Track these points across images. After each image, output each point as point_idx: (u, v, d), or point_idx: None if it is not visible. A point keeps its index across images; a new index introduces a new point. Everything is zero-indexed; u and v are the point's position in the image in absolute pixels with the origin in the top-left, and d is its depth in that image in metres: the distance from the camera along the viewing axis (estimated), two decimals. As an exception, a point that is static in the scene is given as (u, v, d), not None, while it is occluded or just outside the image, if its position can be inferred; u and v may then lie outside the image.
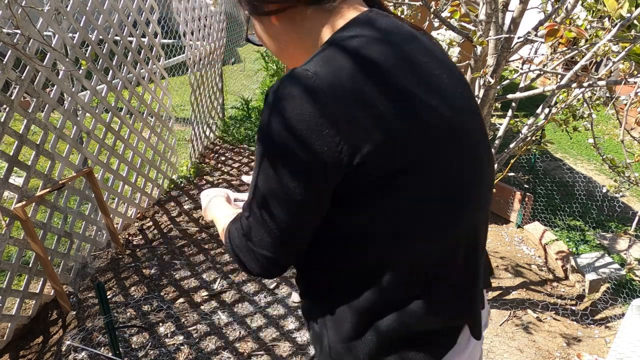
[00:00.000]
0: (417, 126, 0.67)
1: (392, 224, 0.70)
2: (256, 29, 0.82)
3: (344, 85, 0.64)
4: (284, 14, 0.75)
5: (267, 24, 0.78)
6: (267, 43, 0.83)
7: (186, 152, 4.54)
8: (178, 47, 5.39)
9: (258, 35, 0.83)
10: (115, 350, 1.94)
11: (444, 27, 1.68)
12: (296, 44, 0.79)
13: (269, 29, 0.79)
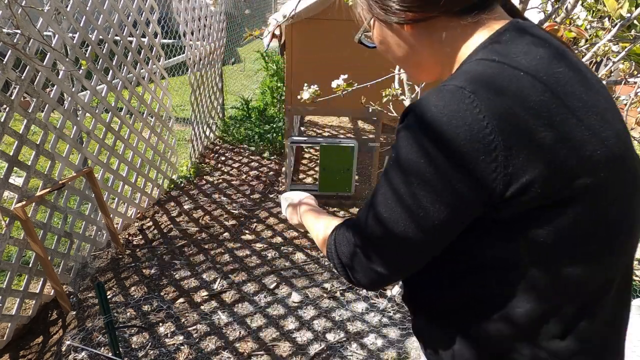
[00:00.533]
0: (582, 155, 0.60)
1: (537, 254, 0.63)
2: (378, 33, 0.78)
3: (505, 108, 0.58)
4: (421, 23, 0.70)
5: (397, 31, 0.74)
6: (391, 49, 0.77)
7: (186, 152, 4.54)
8: (178, 47, 5.39)
9: (379, 40, 0.79)
10: (115, 350, 1.94)
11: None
12: (427, 55, 0.74)
13: (397, 36, 0.74)
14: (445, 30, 0.70)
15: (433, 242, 0.67)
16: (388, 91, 2.19)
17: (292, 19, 3.02)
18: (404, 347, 2.27)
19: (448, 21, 0.69)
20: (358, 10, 0.81)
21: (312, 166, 4.42)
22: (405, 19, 0.70)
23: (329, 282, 2.76)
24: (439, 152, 0.59)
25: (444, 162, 0.59)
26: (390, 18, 0.71)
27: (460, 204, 0.62)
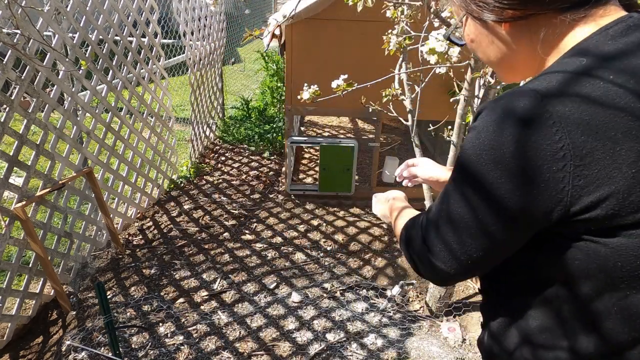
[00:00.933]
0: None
1: (606, 269, 0.60)
2: (471, 31, 0.74)
3: (581, 116, 0.55)
4: (521, 21, 0.66)
5: (493, 29, 0.70)
6: (484, 49, 0.74)
7: (186, 152, 4.54)
8: (178, 47, 5.39)
9: (470, 38, 0.75)
10: (115, 350, 1.94)
11: (444, 27, 1.68)
12: (524, 55, 0.70)
13: (492, 35, 0.71)
14: (547, 28, 0.65)
15: (490, 253, 0.65)
16: (388, 91, 2.19)
17: (292, 19, 3.02)
18: (404, 347, 2.27)
19: (551, 18, 0.64)
20: (448, 6, 0.75)
21: (312, 166, 4.42)
22: (504, 17, 0.66)
23: (329, 282, 2.76)
24: (508, 157, 0.58)
25: (510, 170, 0.58)
26: (487, 15, 0.67)
27: (520, 217, 0.60)
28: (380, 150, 3.98)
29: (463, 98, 1.92)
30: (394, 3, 2.01)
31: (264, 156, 4.69)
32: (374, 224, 3.45)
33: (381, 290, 2.72)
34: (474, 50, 0.77)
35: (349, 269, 2.91)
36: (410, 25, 2.10)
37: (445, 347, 2.29)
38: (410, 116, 2.25)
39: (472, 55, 1.80)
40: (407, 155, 4.62)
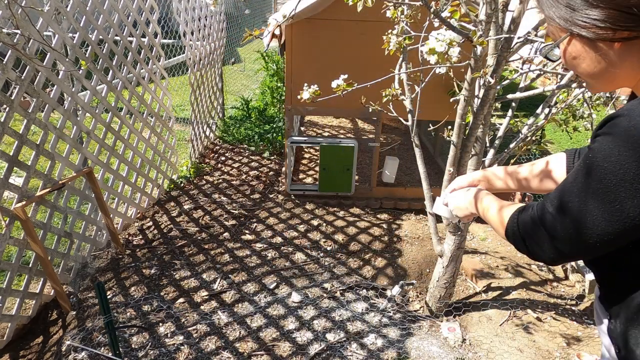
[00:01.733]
0: None
1: None
2: (574, 49, 0.78)
3: None
4: (632, 40, 0.71)
5: (601, 48, 0.74)
6: (584, 65, 0.79)
7: (186, 152, 4.54)
8: (178, 47, 5.39)
9: (572, 56, 0.80)
10: (115, 350, 1.94)
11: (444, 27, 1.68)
12: (628, 70, 0.75)
13: (598, 53, 0.75)
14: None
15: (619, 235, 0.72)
16: (388, 91, 2.19)
17: (292, 19, 3.02)
18: (404, 347, 2.27)
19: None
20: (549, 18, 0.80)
21: (312, 166, 4.42)
22: (616, 37, 0.71)
23: (329, 282, 2.76)
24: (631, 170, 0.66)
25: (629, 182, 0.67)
26: (600, 35, 0.72)
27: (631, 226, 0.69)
28: (380, 150, 3.98)
29: (463, 98, 1.92)
30: (394, 3, 2.00)
31: (264, 156, 4.69)
32: (374, 224, 3.45)
33: (381, 290, 2.72)
34: (571, 67, 0.82)
35: (349, 269, 2.91)
36: (410, 25, 2.10)
37: (445, 347, 2.29)
38: (410, 116, 2.25)
39: (472, 56, 1.80)
40: (407, 155, 4.63)
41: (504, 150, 2.24)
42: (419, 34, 2.06)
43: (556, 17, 0.77)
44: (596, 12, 0.71)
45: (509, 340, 2.36)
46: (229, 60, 8.63)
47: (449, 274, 2.39)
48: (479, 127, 1.97)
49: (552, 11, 0.77)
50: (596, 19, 0.71)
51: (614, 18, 0.69)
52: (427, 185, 2.29)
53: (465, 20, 1.78)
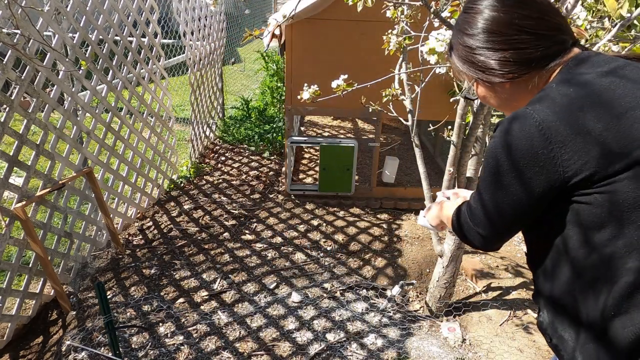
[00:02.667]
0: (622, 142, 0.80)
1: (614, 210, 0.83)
2: (482, 91, 1.03)
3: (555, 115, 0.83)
4: (518, 79, 0.94)
5: (498, 87, 0.98)
6: (492, 100, 1.04)
7: (186, 152, 4.54)
8: (178, 47, 5.39)
9: (482, 96, 1.04)
10: (115, 350, 1.94)
11: (444, 27, 1.68)
12: (523, 98, 0.97)
13: (497, 91, 1.00)
14: (537, 77, 0.94)
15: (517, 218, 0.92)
16: (388, 91, 2.19)
17: (292, 19, 3.02)
18: (404, 347, 2.27)
19: (539, 71, 0.93)
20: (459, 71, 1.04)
21: (312, 166, 4.42)
22: (505, 79, 0.94)
23: (329, 282, 2.76)
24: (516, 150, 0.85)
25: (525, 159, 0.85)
26: (494, 79, 0.96)
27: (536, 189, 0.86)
28: (380, 150, 3.98)
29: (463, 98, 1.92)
30: (394, 3, 2.01)
31: (264, 156, 4.69)
32: (374, 224, 3.45)
33: (381, 290, 2.72)
34: (487, 102, 1.07)
35: (349, 269, 2.91)
36: (410, 25, 2.10)
37: (445, 347, 2.29)
38: (410, 116, 2.25)
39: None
40: (407, 155, 4.63)
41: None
42: (419, 34, 2.06)
43: (465, 71, 1.01)
44: (492, 63, 0.94)
45: (509, 340, 2.36)
46: (229, 60, 8.63)
47: (449, 274, 2.39)
48: (479, 127, 1.97)
49: (461, 67, 1.01)
50: (492, 69, 0.95)
51: (502, 68, 0.93)
52: (427, 185, 2.29)
53: (465, 20, 1.77)
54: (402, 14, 2.05)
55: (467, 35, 0.96)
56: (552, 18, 0.92)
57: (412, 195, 3.70)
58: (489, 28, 0.93)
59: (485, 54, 0.94)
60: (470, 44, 0.96)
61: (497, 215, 0.94)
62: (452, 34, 1.04)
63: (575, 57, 0.91)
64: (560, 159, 0.82)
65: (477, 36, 0.95)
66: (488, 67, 0.94)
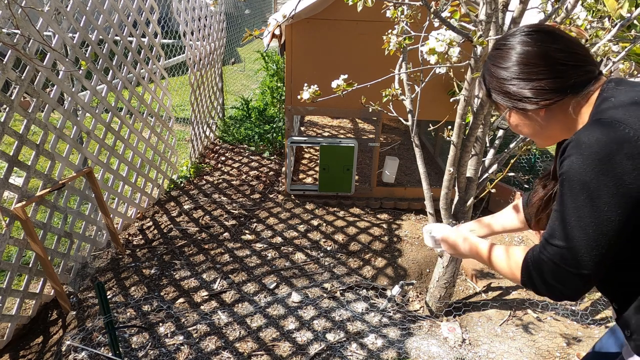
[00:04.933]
0: None
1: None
2: (515, 119, 1.05)
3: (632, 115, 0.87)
4: (552, 106, 0.97)
5: (532, 115, 1.01)
6: (525, 129, 1.06)
7: (186, 152, 4.54)
8: (178, 47, 5.39)
9: (515, 124, 1.07)
10: (115, 350, 1.94)
11: (444, 27, 1.68)
12: (559, 127, 1.02)
13: (532, 119, 1.02)
14: (573, 104, 0.98)
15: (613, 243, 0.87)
16: (388, 91, 2.19)
17: (292, 19, 3.02)
18: (404, 347, 2.27)
19: (573, 97, 0.97)
20: (494, 99, 1.06)
21: (312, 166, 4.42)
22: (540, 106, 0.98)
23: (329, 282, 2.76)
24: (610, 158, 0.85)
25: (607, 181, 0.85)
26: (527, 107, 0.99)
27: (623, 208, 0.85)
28: (380, 150, 3.98)
29: (463, 98, 1.92)
30: (394, 3, 2.01)
31: (264, 156, 4.69)
32: (374, 224, 3.45)
33: (381, 290, 2.72)
34: (519, 131, 1.08)
35: (349, 269, 2.91)
36: (410, 25, 2.10)
37: (445, 347, 2.29)
38: (410, 116, 2.25)
39: (472, 56, 1.80)
40: (407, 155, 4.63)
41: (504, 150, 2.24)
42: (419, 34, 2.06)
43: (498, 99, 1.04)
44: (526, 92, 0.98)
45: (509, 340, 2.36)
46: (229, 60, 8.63)
47: (449, 274, 2.39)
48: (479, 127, 1.97)
49: (495, 96, 1.05)
50: (526, 97, 0.98)
51: (537, 95, 0.97)
52: (427, 185, 2.29)
53: (465, 20, 1.78)
54: (402, 14, 2.05)
55: (501, 68, 1.01)
56: (579, 51, 0.98)
57: (412, 195, 3.70)
58: (522, 61, 0.98)
59: (519, 84, 0.98)
60: (505, 76, 1.01)
61: (601, 244, 0.87)
62: (483, 67, 1.08)
63: (610, 80, 0.97)
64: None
65: (510, 69, 1.00)
66: (523, 95, 0.98)
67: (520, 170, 4.22)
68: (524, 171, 4.18)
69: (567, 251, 0.90)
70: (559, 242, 0.91)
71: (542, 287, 0.96)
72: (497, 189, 3.07)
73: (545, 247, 0.95)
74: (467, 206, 2.20)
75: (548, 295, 0.96)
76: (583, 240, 0.88)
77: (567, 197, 0.90)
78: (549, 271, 0.93)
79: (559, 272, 0.92)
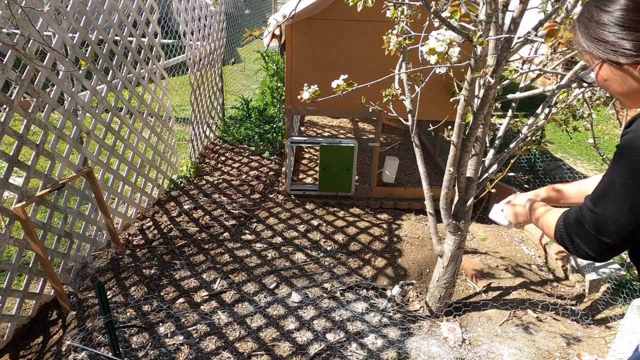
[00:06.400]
0: None
1: None
2: (605, 73, 0.96)
3: None
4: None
5: (626, 70, 0.92)
6: (615, 86, 0.97)
7: (186, 152, 4.54)
8: (178, 47, 5.39)
9: (604, 78, 0.97)
10: (115, 350, 1.94)
11: (444, 27, 1.68)
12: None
13: (625, 75, 0.93)
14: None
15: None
16: (388, 91, 2.19)
17: (292, 19, 3.02)
18: (403, 347, 2.27)
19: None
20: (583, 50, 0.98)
21: (312, 166, 4.42)
22: (637, 61, 0.89)
23: (329, 282, 2.76)
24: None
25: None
26: (622, 61, 0.90)
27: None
28: (380, 150, 3.98)
29: (463, 98, 1.92)
30: (394, 3, 2.00)
31: (264, 156, 4.69)
32: (374, 224, 3.45)
33: (381, 290, 2.72)
34: (606, 87, 0.99)
35: (349, 269, 2.91)
36: (410, 25, 2.10)
37: (445, 347, 2.29)
38: (410, 116, 2.25)
39: (472, 56, 1.80)
40: (407, 155, 4.63)
41: (504, 150, 2.24)
42: (419, 34, 2.06)
43: (592, 48, 0.94)
44: (625, 43, 0.89)
45: (509, 340, 2.36)
46: (229, 60, 8.63)
47: (449, 274, 2.39)
48: (479, 127, 1.97)
49: (588, 43, 0.95)
50: (625, 49, 0.89)
51: (635, 49, 0.88)
52: (427, 185, 2.29)
53: (465, 20, 1.78)
54: (402, 14, 2.05)
55: (604, 11, 0.91)
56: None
57: (412, 195, 3.70)
58: (631, 6, 0.89)
59: (620, 33, 0.89)
60: (606, 21, 0.91)
61: (631, 220, 0.90)
62: (583, 8, 0.98)
63: None
64: None
65: (614, 13, 0.90)
66: (622, 46, 0.89)
67: (520, 170, 4.22)
68: (524, 171, 4.18)
69: (597, 216, 0.95)
70: (594, 207, 0.96)
71: (569, 241, 1.02)
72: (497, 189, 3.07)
73: (582, 207, 1.00)
74: (467, 206, 2.20)
75: (573, 251, 1.02)
76: (614, 213, 0.91)
77: (615, 169, 0.91)
78: (576, 228, 1.00)
79: (584, 232, 0.98)
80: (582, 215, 0.99)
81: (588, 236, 0.97)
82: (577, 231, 1.00)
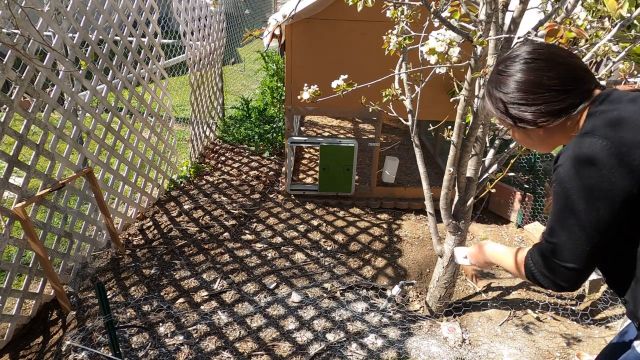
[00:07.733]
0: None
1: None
2: (517, 135, 1.19)
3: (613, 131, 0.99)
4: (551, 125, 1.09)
5: (533, 132, 1.13)
6: (525, 141, 1.19)
7: (186, 152, 4.54)
8: (178, 47, 5.39)
9: (518, 139, 1.20)
10: (115, 350, 1.94)
11: (444, 27, 1.68)
12: (558, 138, 1.13)
13: (532, 135, 1.15)
14: (568, 120, 1.09)
15: (600, 238, 0.99)
16: (388, 91, 2.19)
17: (292, 19, 3.02)
18: (403, 347, 2.27)
19: (568, 117, 1.08)
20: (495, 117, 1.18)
21: (312, 166, 4.42)
22: (539, 127, 1.10)
23: (329, 282, 2.76)
24: (592, 164, 0.97)
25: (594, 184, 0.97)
26: (527, 127, 1.11)
27: (610, 207, 0.96)
28: (380, 150, 3.98)
29: (463, 98, 1.92)
30: (394, 3, 2.00)
31: (264, 156, 4.69)
32: (374, 224, 3.45)
33: (381, 290, 2.72)
34: (521, 143, 1.22)
35: (349, 269, 2.91)
36: (410, 25, 2.10)
37: (445, 347, 2.29)
38: (410, 116, 2.25)
39: (472, 56, 1.80)
40: (407, 155, 4.63)
41: (504, 150, 2.24)
42: (419, 34, 2.06)
43: (502, 119, 1.16)
44: (527, 115, 1.09)
45: (509, 340, 2.36)
46: (229, 60, 8.63)
47: (449, 274, 2.39)
48: (479, 127, 1.97)
49: (498, 114, 1.16)
50: (528, 120, 1.10)
51: (536, 119, 1.08)
52: (427, 185, 2.29)
53: (465, 20, 1.78)
54: (402, 14, 2.05)
55: (503, 93, 1.12)
56: (577, 73, 1.07)
57: (412, 195, 3.70)
58: (521, 88, 1.08)
59: (519, 108, 1.10)
60: (506, 100, 1.11)
61: (587, 240, 1.00)
62: (487, 87, 1.18)
63: (598, 96, 1.07)
64: (636, 160, 0.94)
65: (510, 94, 1.10)
66: (523, 118, 1.10)
67: (520, 170, 4.22)
68: (524, 171, 4.18)
69: (556, 246, 1.05)
70: (551, 238, 1.06)
71: (540, 277, 1.10)
72: (497, 189, 3.07)
73: (541, 243, 1.11)
74: (467, 206, 2.20)
75: (546, 285, 1.10)
76: (570, 239, 1.02)
77: (557, 200, 1.03)
78: (544, 263, 1.09)
79: (550, 264, 1.07)
80: (544, 249, 1.09)
81: (556, 267, 1.06)
82: (545, 265, 1.08)
